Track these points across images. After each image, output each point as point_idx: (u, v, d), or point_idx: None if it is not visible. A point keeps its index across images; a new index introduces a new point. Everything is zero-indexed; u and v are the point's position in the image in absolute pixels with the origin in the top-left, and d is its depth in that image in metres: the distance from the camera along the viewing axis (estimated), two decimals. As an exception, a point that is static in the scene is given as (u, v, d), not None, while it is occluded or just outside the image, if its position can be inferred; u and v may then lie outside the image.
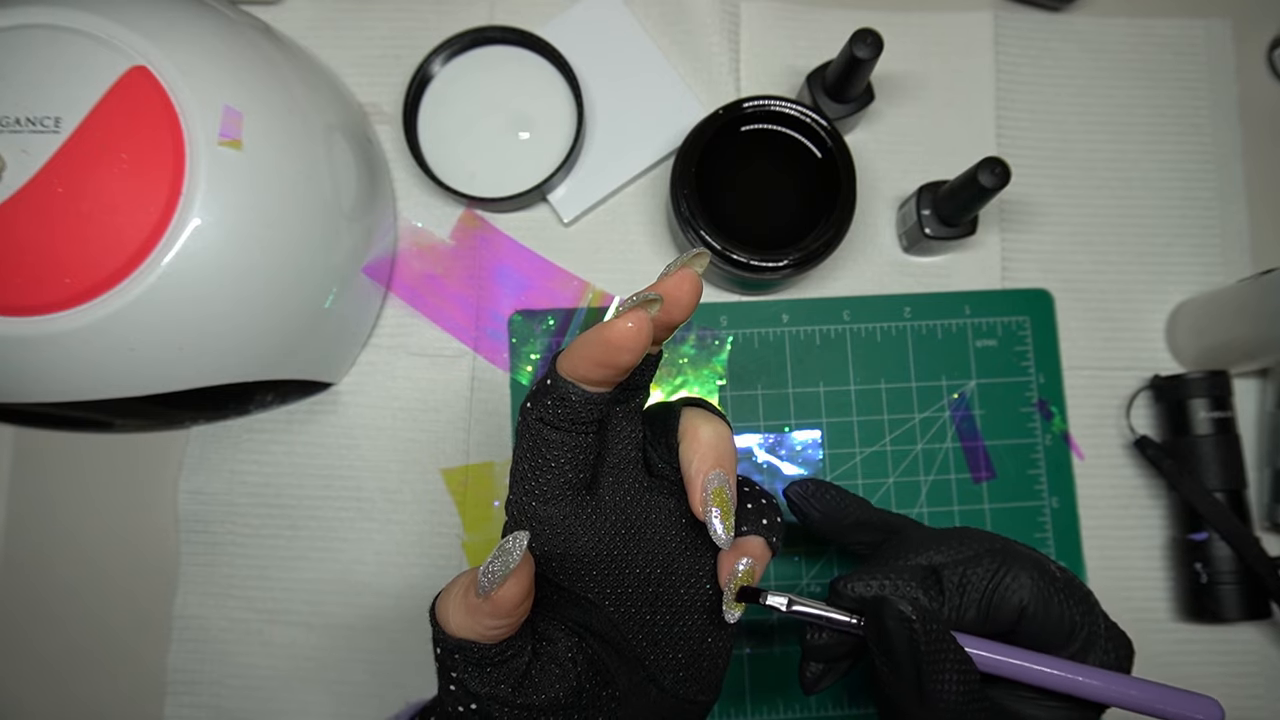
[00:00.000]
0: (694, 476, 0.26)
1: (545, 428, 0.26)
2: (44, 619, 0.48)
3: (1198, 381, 0.47)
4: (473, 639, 0.25)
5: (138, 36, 0.36)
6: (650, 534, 0.28)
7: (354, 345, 0.49)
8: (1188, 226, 0.52)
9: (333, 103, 0.44)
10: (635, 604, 0.28)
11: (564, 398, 0.25)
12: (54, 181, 0.34)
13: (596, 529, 0.27)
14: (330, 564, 0.48)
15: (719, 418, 0.28)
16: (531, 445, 0.26)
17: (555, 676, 0.27)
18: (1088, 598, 0.32)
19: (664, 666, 0.29)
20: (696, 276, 0.25)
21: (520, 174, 0.48)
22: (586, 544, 0.27)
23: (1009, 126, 0.52)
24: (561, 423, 0.25)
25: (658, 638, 0.29)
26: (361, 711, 0.47)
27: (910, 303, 0.50)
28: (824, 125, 0.45)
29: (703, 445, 0.27)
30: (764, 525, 0.29)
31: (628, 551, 0.28)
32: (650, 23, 0.52)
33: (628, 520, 0.28)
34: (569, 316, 0.50)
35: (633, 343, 0.23)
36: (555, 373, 0.26)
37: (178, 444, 0.49)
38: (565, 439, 0.26)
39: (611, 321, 0.24)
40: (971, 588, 0.31)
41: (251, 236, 0.37)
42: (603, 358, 0.24)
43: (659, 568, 0.28)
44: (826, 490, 0.37)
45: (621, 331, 0.23)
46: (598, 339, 0.24)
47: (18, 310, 0.34)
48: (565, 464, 0.26)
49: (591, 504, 0.27)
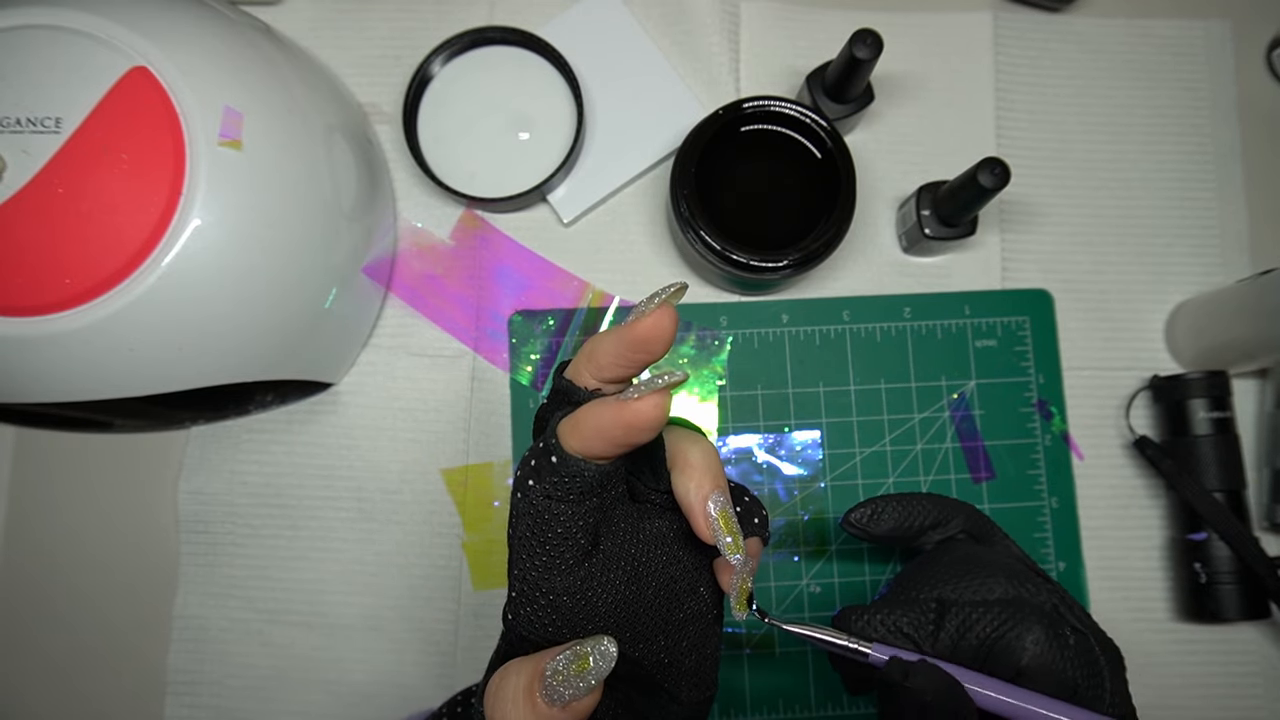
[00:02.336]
0: (695, 505, 0.26)
1: (552, 504, 0.25)
2: (44, 619, 0.48)
3: (1197, 382, 0.47)
4: None
5: (138, 37, 0.36)
6: (652, 565, 0.28)
7: (354, 345, 0.49)
8: (1187, 226, 0.52)
9: (333, 103, 0.44)
10: (649, 636, 0.28)
11: (577, 474, 0.25)
12: (54, 182, 0.34)
13: (611, 584, 0.27)
14: (330, 564, 0.48)
15: (700, 435, 0.28)
16: (537, 523, 0.26)
17: None
18: (1096, 665, 0.31)
19: (679, 682, 0.29)
20: (674, 312, 0.25)
21: (520, 174, 0.48)
22: (605, 601, 0.27)
23: (1009, 127, 0.52)
24: (570, 495, 0.25)
25: (671, 658, 0.29)
26: (361, 712, 0.47)
27: (910, 303, 0.50)
28: (824, 125, 0.45)
29: (697, 471, 0.26)
30: (754, 524, 0.29)
31: (639, 591, 0.27)
32: (650, 23, 0.52)
33: (632, 561, 0.27)
34: (569, 316, 0.50)
35: (657, 425, 0.23)
36: (561, 449, 0.25)
37: (178, 444, 0.49)
38: (574, 510, 0.25)
39: (633, 404, 0.23)
40: (972, 635, 0.31)
41: (251, 236, 0.37)
42: (622, 440, 0.24)
43: (665, 592, 0.28)
44: (886, 508, 0.37)
45: (647, 415, 0.23)
46: (618, 421, 0.23)
47: (18, 310, 0.34)
48: (578, 533, 0.26)
49: (600, 561, 0.27)
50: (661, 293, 0.25)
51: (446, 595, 0.47)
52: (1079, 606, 0.34)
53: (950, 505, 0.38)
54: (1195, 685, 0.48)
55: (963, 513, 0.38)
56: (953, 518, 0.37)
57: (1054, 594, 0.33)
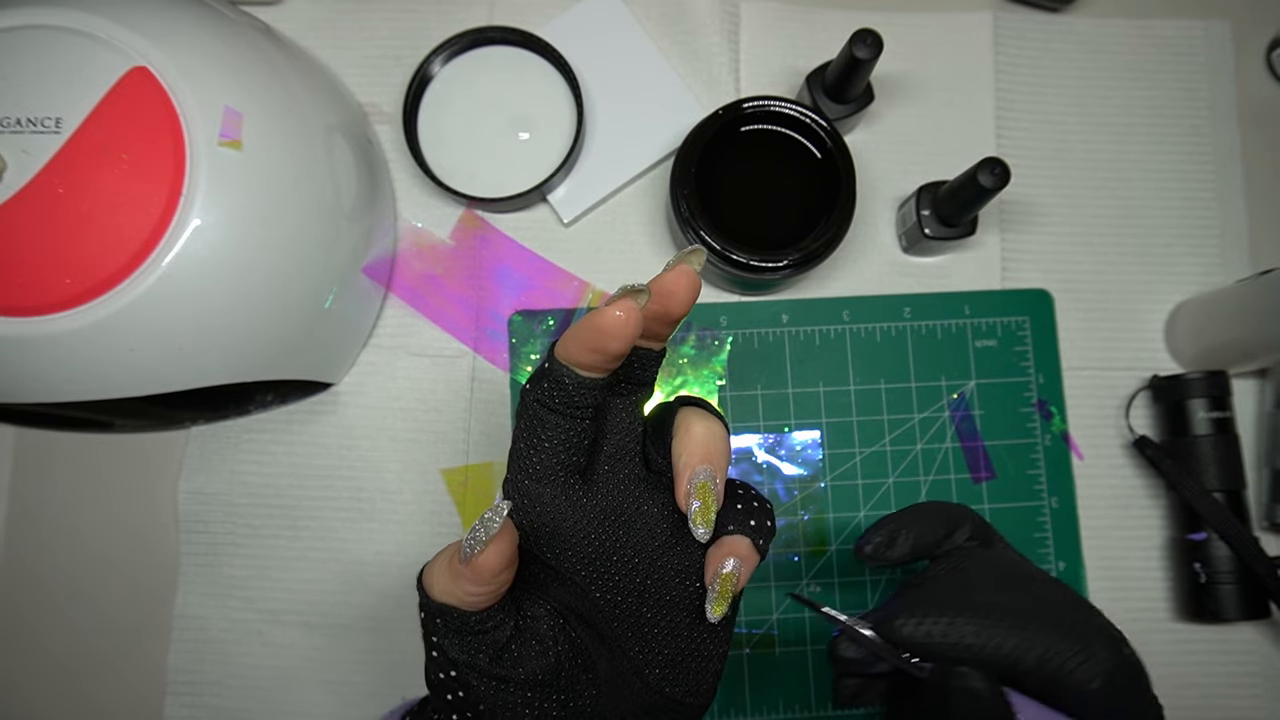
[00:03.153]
0: (681, 470, 0.27)
1: (542, 409, 0.27)
2: (44, 619, 0.48)
3: (1197, 381, 0.47)
4: (453, 604, 0.26)
5: (138, 37, 0.36)
6: (640, 525, 0.29)
7: (354, 345, 0.49)
8: (1187, 227, 0.52)
9: (333, 103, 0.44)
10: (622, 593, 0.29)
11: (559, 381, 0.26)
12: (54, 182, 0.34)
13: (585, 511, 0.28)
14: (330, 564, 0.48)
15: (715, 416, 0.28)
16: (528, 425, 0.27)
17: (535, 652, 0.28)
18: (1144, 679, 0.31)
19: (649, 660, 0.29)
20: (694, 272, 0.26)
21: (520, 174, 0.48)
22: (574, 524, 0.28)
23: (1009, 126, 0.52)
24: (557, 405, 0.26)
25: (643, 630, 0.29)
26: (361, 712, 0.47)
27: (910, 303, 0.50)
28: (824, 125, 0.45)
29: (693, 440, 0.27)
30: (751, 526, 0.28)
31: (616, 539, 0.28)
32: (650, 23, 0.52)
33: (618, 508, 0.28)
34: (569, 317, 0.50)
35: (621, 330, 0.24)
36: (553, 357, 0.26)
37: (178, 444, 0.49)
38: (560, 421, 0.26)
39: (602, 309, 0.24)
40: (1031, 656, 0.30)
41: (251, 237, 0.37)
42: (593, 343, 0.25)
43: (647, 560, 0.29)
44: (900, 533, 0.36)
45: (610, 319, 0.24)
46: (589, 325, 0.25)
47: (18, 310, 0.34)
48: (559, 445, 0.27)
49: (583, 488, 0.28)
50: (680, 254, 0.26)
51: (446, 595, 0.47)
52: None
53: (957, 513, 0.37)
54: (1195, 685, 0.48)
55: (968, 519, 0.37)
56: (960, 525, 0.37)
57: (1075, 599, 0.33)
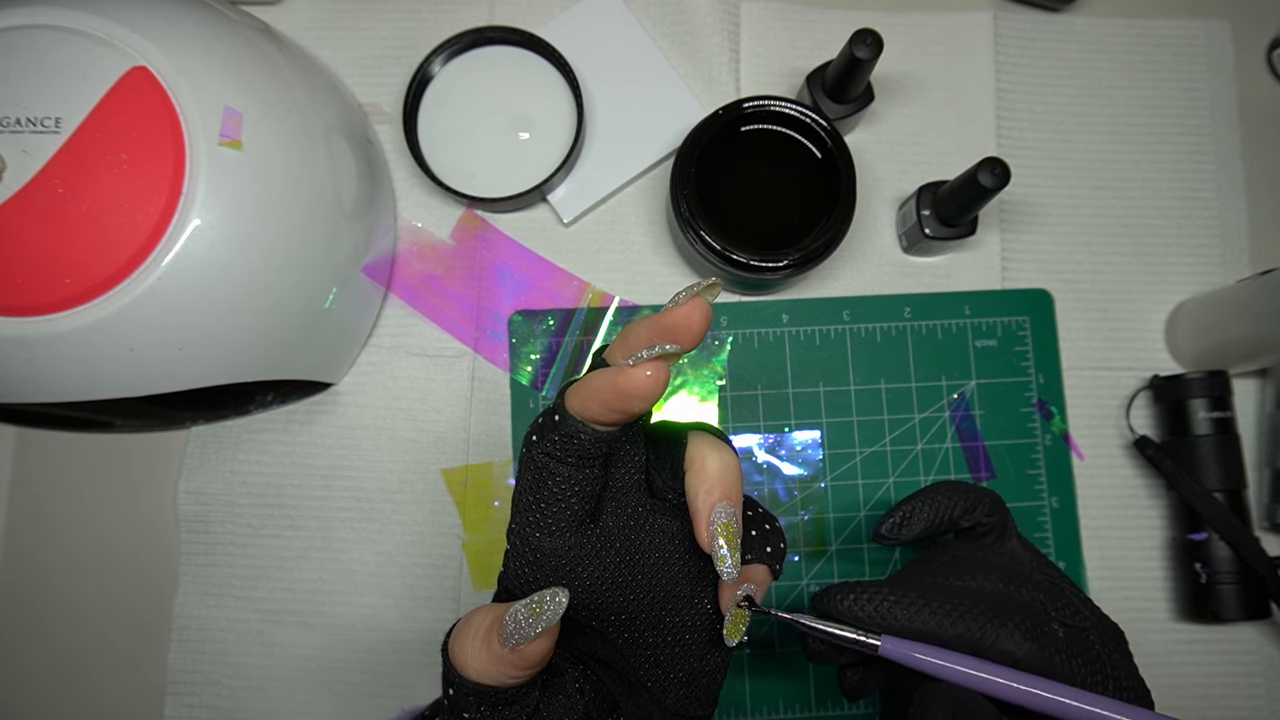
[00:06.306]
0: (700, 509, 0.26)
1: (551, 462, 0.25)
2: (44, 619, 0.48)
3: (1197, 381, 0.47)
4: (491, 685, 0.25)
5: (138, 37, 0.36)
6: (653, 558, 0.28)
7: (354, 345, 0.49)
8: (1187, 226, 0.52)
9: (333, 103, 0.44)
10: (638, 628, 0.28)
11: (573, 436, 0.25)
12: (54, 182, 0.34)
13: (601, 559, 0.27)
14: (330, 564, 0.48)
15: (726, 445, 0.28)
16: (536, 478, 0.26)
17: (563, 708, 0.27)
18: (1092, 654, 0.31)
19: (666, 687, 0.29)
20: (708, 306, 0.24)
21: (520, 174, 0.48)
22: (592, 574, 0.27)
23: (1009, 127, 0.52)
24: (569, 458, 0.25)
25: (659, 659, 0.29)
26: (361, 711, 0.47)
27: (910, 303, 0.50)
28: (824, 125, 0.45)
29: (710, 477, 0.26)
30: (768, 553, 0.29)
31: (631, 577, 0.28)
32: (650, 23, 0.52)
33: (631, 546, 0.28)
34: (569, 316, 0.50)
35: (650, 394, 0.23)
36: (564, 409, 0.25)
37: (178, 444, 0.49)
38: (571, 473, 0.25)
39: (629, 370, 0.23)
40: (948, 634, 0.31)
41: (251, 237, 0.37)
42: (616, 404, 0.24)
43: (661, 590, 0.28)
44: (914, 511, 0.37)
45: (639, 382, 0.23)
46: (613, 385, 0.23)
47: (18, 310, 0.34)
48: (571, 497, 0.26)
49: (596, 533, 0.27)
50: (696, 285, 0.25)
51: (446, 595, 0.47)
52: (1079, 596, 0.34)
53: (975, 492, 0.37)
54: (1195, 685, 0.48)
55: (986, 498, 0.37)
56: (977, 504, 0.37)
57: (1050, 589, 0.33)
